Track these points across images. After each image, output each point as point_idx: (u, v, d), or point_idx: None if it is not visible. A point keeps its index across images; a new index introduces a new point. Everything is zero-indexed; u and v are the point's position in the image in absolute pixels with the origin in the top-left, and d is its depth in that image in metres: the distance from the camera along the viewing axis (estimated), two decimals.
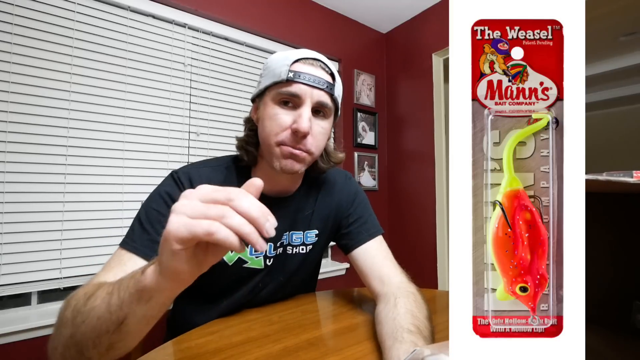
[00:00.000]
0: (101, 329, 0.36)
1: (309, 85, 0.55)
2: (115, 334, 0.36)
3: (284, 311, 0.65)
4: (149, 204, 0.58)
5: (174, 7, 1.51)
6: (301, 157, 0.57)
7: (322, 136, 0.59)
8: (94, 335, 0.36)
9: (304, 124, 0.53)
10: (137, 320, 0.35)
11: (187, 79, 1.56)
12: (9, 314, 1.16)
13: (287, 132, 0.55)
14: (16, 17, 1.17)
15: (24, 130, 1.17)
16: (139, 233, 0.54)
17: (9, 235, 1.13)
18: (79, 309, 0.38)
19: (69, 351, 0.38)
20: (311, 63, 0.57)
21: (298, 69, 0.55)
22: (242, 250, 0.29)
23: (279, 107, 0.56)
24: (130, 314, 0.34)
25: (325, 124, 0.59)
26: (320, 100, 0.56)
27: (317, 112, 0.58)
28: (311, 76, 0.55)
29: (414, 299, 0.54)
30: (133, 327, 0.36)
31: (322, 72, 0.57)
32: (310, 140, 0.56)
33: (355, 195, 0.73)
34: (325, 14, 2.12)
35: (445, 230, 2.05)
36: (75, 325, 0.38)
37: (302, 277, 0.73)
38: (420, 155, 2.18)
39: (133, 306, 0.34)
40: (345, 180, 0.75)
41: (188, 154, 1.54)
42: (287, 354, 0.48)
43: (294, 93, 0.55)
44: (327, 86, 0.57)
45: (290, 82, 0.55)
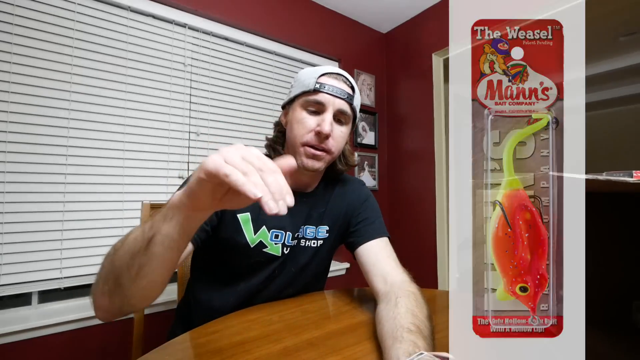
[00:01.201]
0: (134, 249, 0.41)
1: (332, 95, 0.65)
2: (144, 255, 0.41)
3: (284, 311, 0.65)
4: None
5: (174, 7, 1.51)
6: (321, 157, 0.66)
7: (341, 139, 0.69)
8: (128, 257, 0.41)
9: (326, 127, 0.63)
10: (161, 240, 0.40)
11: (187, 79, 1.56)
12: (9, 314, 1.16)
13: (311, 134, 0.65)
14: (16, 17, 1.17)
15: (24, 130, 1.17)
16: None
17: (9, 235, 1.13)
18: (121, 241, 0.44)
19: (108, 284, 0.43)
20: (335, 77, 0.67)
21: (324, 81, 0.66)
22: (247, 201, 0.34)
23: (306, 113, 0.66)
24: (157, 233, 0.40)
25: (344, 129, 0.69)
26: (341, 108, 0.66)
27: (338, 119, 0.67)
28: (334, 87, 0.65)
29: (415, 298, 0.55)
30: (157, 247, 0.40)
31: (344, 85, 0.68)
32: (331, 142, 0.66)
33: (366, 198, 0.80)
34: (325, 14, 2.12)
35: (445, 230, 2.05)
36: (115, 251, 0.43)
37: (312, 272, 0.76)
38: (420, 155, 2.18)
39: (159, 224, 0.40)
40: (358, 185, 0.83)
41: (188, 154, 1.54)
42: (287, 354, 0.48)
43: (319, 101, 0.65)
44: (348, 97, 0.67)
45: (316, 91, 0.65)
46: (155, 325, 1.07)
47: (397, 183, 2.34)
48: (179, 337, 0.53)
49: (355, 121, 0.73)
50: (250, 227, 0.68)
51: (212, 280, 0.71)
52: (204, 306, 0.69)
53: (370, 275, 0.66)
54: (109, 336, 1.25)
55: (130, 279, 0.42)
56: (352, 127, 0.74)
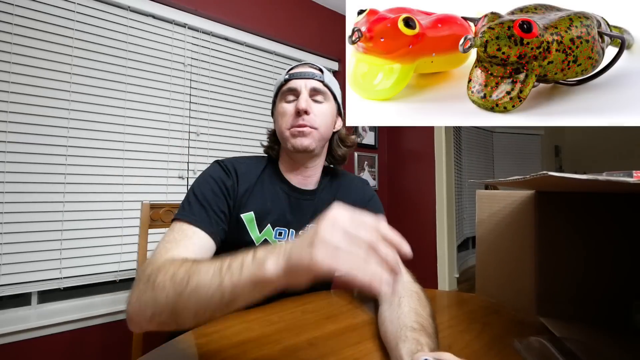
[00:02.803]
0: (209, 304, 0.38)
1: (302, 78, 0.69)
2: (222, 310, 0.38)
3: (284, 311, 0.65)
4: (203, 184, 0.65)
5: (174, 7, 1.51)
6: (306, 132, 0.67)
7: (323, 115, 0.70)
8: (199, 308, 0.38)
9: (302, 103, 0.67)
10: (248, 300, 0.37)
11: (187, 79, 1.56)
12: (9, 314, 1.16)
13: (292, 117, 0.68)
14: (16, 17, 1.17)
15: (24, 130, 1.17)
16: (198, 209, 0.61)
17: (9, 235, 1.13)
18: (182, 281, 0.39)
19: (161, 316, 0.41)
20: (302, 65, 0.73)
21: (293, 71, 0.71)
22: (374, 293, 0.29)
23: (285, 103, 0.70)
24: (243, 296, 0.36)
25: (324, 107, 0.71)
26: (314, 86, 0.70)
27: (315, 99, 0.70)
28: (303, 72, 0.71)
29: (418, 297, 0.54)
30: (241, 304, 0.37)
31: (311, 68, 0.72)
32: (312, 117, 0.68)
33: (370, 197, 0.81)
34: (325, 14, 2.12)
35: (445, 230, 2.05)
36: (177, 294, 0.39)
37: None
38: (420, 155, 2.18)
39: (248, 289, 0.36)
40: (363, 185, 0.84)
41: (188, 154, 1.54)
42: (287, 354, 0.48)
43: (291, 87, 0.69)
44: (317, 76, 0.71)
45: (287, 81, 0.70)
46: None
47: (397, 183, 2.34)
48: (179, 337, 0.53)
49: (336, 100, 0.75)
50: (254, 226, 0.68)
51: None
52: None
53: None
54: (109, 336, 1.25)
55: (195, 319, 0.40)
56: (340, 111, 0.76)
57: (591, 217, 0.63)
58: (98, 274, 1.28)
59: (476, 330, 0.56)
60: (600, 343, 0.53)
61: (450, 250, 2.08)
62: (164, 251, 0.52)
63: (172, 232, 0.57)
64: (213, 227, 0.60)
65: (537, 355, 0.45)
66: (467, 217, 2.96)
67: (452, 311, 0.69)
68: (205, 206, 0.61)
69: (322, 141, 0.72)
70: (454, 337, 0.54)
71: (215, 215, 0.62)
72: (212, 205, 0.62)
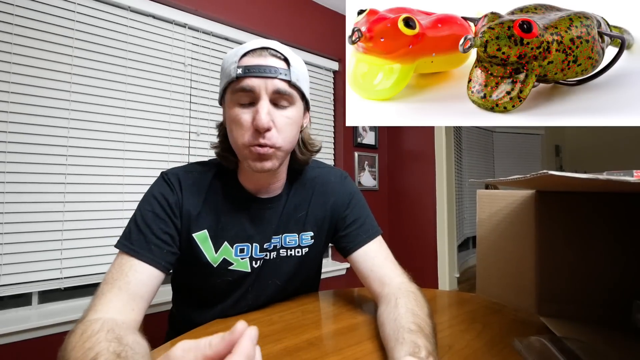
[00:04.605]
0: None
1: (260, 77, 0.53)
2: None
3: (284, 311, 0.65)
4: (144, 205, 0.59)
5: (174, 7, 1.51)
6: (269, 155, 0.55)
7: (289, 127, 0.56)
8: None
9: (262, 119, 0.52)
10: None
11: (187, 79, 1.56)
12: (10, 314, 1.16)
13: (250, 132, 0.54)
14: (16, 17, 1.17)
15: (24, 130, 1.17)
16: (136, 235, 0.55)
17: (9, 236, 1.13)
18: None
19: None
20: (260, 54, 0.54)
21: (247, 63, 0.54)
22: None
23: (239, 108, 0.55)
24: None
25: (290, 113, 0.56)
26: (277, 88, 0.54)
27: (278, 103, 0.55)
28: (261, 67, 0.53)
29: (415, 297, 0.54)
30: None
31: (274, 59, 0.55)
32: (274, 135, 0.54)
33: (351, 196, 0.71)
34: (325, 14, 2.12)
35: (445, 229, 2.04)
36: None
37: (302, 279, 0.72)
38: (420, 155, 2.18)
39: None
40: (340, 180, 0.73)
41: (188, 154, 1.54)
42: (287, 354, 0.48)
43: (246, 88, 0.53)
44: (282, 73, 0.54)
45: (240, 78, 0.53)
46: (154, 326, 1.07)
47: (397, 183, 2.34)
48: (178, 338, 0.53)
49: (305, 98, 0.60)
50: (209, 246, 0.60)
51: (190, 301, 0.67)
52: (187, 323, 0.63)
53: (368, 281, 0.63)
54: None
55: None
56: (306, 107, 0.63)
57: (592, 217, 0.63)
58: (98, 274, 1.28)
59: (477, 329, 0.56)
60: (600, 343, 0.53)
61: (451, 250, 2.08)
62: (101, 295, 0.49)
63: (112, 266, 0.53)
64: (154, 255, 0.53)
65: (537, 355, 0.45)
66: (468, 216, 2.96)
67: (452, 311, 0.69)
68: (144, 232, 0.54)
69: (286, 156, 0.61)
70: (455, 336, 0.54)
71: (158, 240, 0.55)
72: (154, 230, 0.55)
